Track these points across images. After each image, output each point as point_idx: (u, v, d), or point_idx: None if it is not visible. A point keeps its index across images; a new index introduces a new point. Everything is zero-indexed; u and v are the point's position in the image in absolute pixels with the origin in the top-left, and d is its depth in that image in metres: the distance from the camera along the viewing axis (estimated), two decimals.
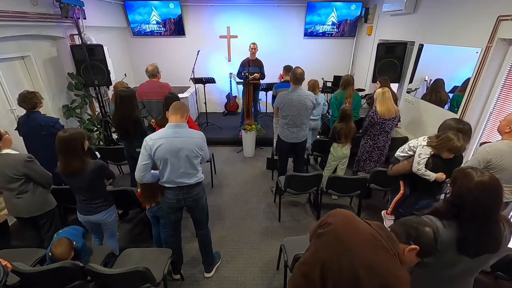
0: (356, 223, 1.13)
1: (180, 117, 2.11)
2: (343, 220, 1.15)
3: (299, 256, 2.03)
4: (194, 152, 2.10)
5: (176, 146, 2.04)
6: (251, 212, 3.59)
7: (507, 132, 2.14)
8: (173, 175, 2.11)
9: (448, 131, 2.09)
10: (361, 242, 1.07)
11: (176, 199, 2.21)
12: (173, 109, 2.12)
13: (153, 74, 3.83)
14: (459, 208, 1.23)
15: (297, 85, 3.15)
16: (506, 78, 2.74)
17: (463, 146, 2.02)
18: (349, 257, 1.05)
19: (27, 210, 2.33)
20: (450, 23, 3.39)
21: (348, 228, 1.11)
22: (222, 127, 6.11)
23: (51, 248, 2.01)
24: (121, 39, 6.27)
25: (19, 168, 2.18)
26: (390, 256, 1.05)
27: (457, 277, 1.36)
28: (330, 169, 3.75)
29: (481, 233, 1.19)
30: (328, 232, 1.14)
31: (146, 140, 2.04)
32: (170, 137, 2.04)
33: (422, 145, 2.21)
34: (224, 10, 6.24)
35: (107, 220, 2.37)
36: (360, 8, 5.95)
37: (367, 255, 1.04)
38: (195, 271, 2.70)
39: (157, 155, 2.03)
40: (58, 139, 2.00)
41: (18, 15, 3.23)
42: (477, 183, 1.17)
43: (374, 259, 1.04)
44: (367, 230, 1.10)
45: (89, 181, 2.14)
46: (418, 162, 2.18)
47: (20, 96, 2.74)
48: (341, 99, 3.95)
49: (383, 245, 1.06)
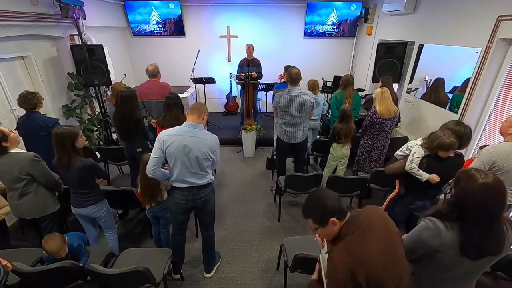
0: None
1: (197, 117, 2.11)
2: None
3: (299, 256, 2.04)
4: (206, 155, 2.09)
5: (188, 145, 2.04)
6: (251, 212, 3.59)
7: (511, 134, 2.11)
8: (183, 174, 2.11)
9: (438, 130, 2.10)
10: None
11: (185, 199, 2.21)
12: (191, 108, 2.14)
13: (153, 74, 3.83)
14: (462, 209, 1.21)
15: (294, 85, 3.15)
16: (506, 78, 2.74)
17: (453, 142, 2.00)
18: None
19: (29, 212, 2.33)
20: (450, 23, 3.39)
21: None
22: (222, 127, 6.11)
23: (42, 243, 2.04)
24: (121, 39, 6.27)
25: (24, 167, 2.19)
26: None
27: (459, 279, 1.34)
28: (330, 169, 3.75)
29: (484, 235, 1.18)
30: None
31: (161, 134, 2.06)
32: (183, 135, 2.05)
33: (418, 144, 2.23)
34: (224, 10, 6.24)
35: (97, 214, 2.39)
36: (360, 8, 5.95)
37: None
38: (195, 271, 2.69)
39: (168, 151, 2.04)
40: (52, 134, 2.12)
41: (18, 15, 3.23)
42: (481, 184, 1.15)
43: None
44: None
45: (77, 178, 2.19)
46: (411, 161, 2.19)
47: (20, 97, 2.73)
48: (341, 99, 3.95)
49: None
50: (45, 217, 2.38)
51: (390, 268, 1.04)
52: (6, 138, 2.16)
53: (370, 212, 1.19)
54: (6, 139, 2.16)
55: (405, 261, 1.12)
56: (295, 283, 2.56)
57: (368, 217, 1.15)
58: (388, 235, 1.11)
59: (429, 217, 1.33)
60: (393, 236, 1.12)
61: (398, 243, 1.13)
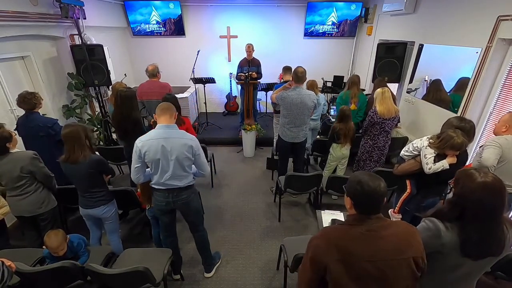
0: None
1: (169, 117, 2.07)
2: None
3: (299, 256, 2.04)
4: (185, 154, 2.04)
5: (166, 148, 2.00)
6: (251, 212, 3.59)
7: (504, 131, 2.17)
8: (162, 177, 2.08)
9: (448, 130, 2.10)
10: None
11: (165, 201, 2.18)
12: (160, 109, 2.06)
13: (153, 74, 3.83)
14: (461, 208, 1.22)
15: (298, 84, 3.15)
16: (506, 78, 2.74)
17: (464, 142, 2.02)
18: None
19: (28, 209, 2.35)
20: (450, 23, 3.39)
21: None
22: (222, 127, 6.11)
23: (45, 237, 2.05)
24: (121, 39, 6.27)
25: (25, 166, 2.22)
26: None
27: (459, 280, 1.34)
28: (330, 169, 3.75)
29: (484, 234, 1.18)
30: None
31: (136, 143, 2.02)
32: (159, 138, 2.00)
33: (425, 145, 2.21)
34: (224, 10, 6.24)
35: (106, 215, 2.38)
36: (360, 8, 5.95)
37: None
38: (195, 271, 2.69)
39: (147, 157, 2.01)
40: (66, 133, 2.09)
41: (18, 15, 3.22)
42: (480, 183, 1.16)
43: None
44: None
45: (87, 174, 2.18)
46: (427, 163, 2.16)
47: (20, 97, 2.74)
48: (346, 99, 3.95)
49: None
50: (44, 214, 2.40)
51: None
52: (11, 139, 2.22)
53: (396, 225, 1.19)
54: (11, 140, 2.22)
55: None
56: (295, 283, 2.55)
57: (387, 228, 1.14)
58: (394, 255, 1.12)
59: (429, 217, 1.33)
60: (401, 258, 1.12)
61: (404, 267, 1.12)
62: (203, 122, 6.17)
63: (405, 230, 1.18)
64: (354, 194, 1.16)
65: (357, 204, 1.17)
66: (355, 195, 1.16)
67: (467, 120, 2.20)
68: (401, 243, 1.13)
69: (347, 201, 1.21)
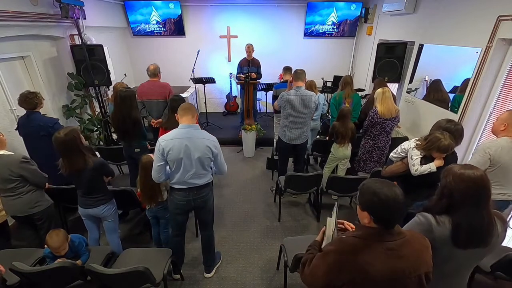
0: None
1: (191, 118, 2.10)
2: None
3: (299, 256, 2.04)
4: (207, 154, 2.10)
5: (189, 147, 2.03)
6: (251, 212, 3.59)
7: (503, 130, 2.17)
8: (184, 176, 2.11)
9: (436, 132, 2.10)
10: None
11: (186, 200, 2.20)
12: (182, 110, 2.10)
13: (155, 73, 3.83)
14: (449, 199, 1.28)
15: (297, 82, 3.15)
16: (506, 78, 2.74)
17: (450, 144, 2.01)
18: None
19: (21, 209, 2.34)
20: (450, 23, 3.39)
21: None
22: (222, 127, 6.11)
23: (47, 237, 2.05)
24: (121, 39, 6.27)
25: (14, 169, 2.20)
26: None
27: (452, 273, 1.39)
28: (330, 168, 3.74)
29: (472, 221, 1.24)
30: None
31: (159, 141, 2.04)
32: (183, 138, 2.03)
33: (412, 147, 2.20)
34: (224, 10, 6.24)
35: (106, 213, 2.38)
36: (360, 8, 5.95)
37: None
38: (195, 271, 2.69)
39: (170, 157, 2.03)
40: (56, 141, 2.02)
41: (18, 15, 3.22)
42: (464, 173, 1.25)
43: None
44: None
45: (89, 179, 2.18)
46: (413, 164, 2.16)
47: (21, 96, 2.74)
48: (340, 99, 3.95)
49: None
50: (37, 214, 2.39)
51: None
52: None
53: (413, 239, 1.15)
54: None
55: None
56: (295, 283, 2.56)
57: (407, 246, 1.11)
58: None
59: (422, 212, 1.39)
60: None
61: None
62: (203, 122, 6.17)
63: (421, 247, 1.15)
64: (372, 208, 1.09)
65: (378, 218, 1.10)
66: (374, 208, 1.09)
67: (455, 123, 2.21)
68: (417, 260, 1.11)
69: (364, 215, 1.13)
